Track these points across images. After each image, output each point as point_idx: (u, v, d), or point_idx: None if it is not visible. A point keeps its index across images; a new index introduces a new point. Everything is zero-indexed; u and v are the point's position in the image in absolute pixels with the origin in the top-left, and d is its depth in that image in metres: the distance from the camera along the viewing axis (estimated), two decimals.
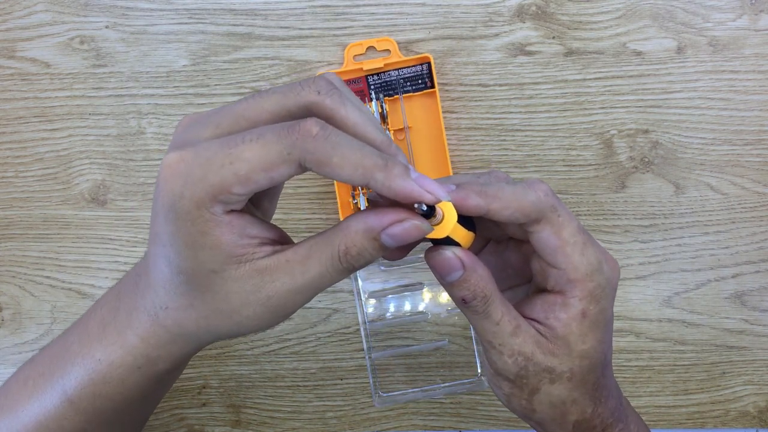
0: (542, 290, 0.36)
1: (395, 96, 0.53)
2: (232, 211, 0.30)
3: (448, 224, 0.32)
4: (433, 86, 0.53)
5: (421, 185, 0.29)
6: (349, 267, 0.31)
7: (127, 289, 0.36)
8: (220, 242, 0.30)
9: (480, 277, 0.34)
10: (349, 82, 0.53)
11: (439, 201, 0.30)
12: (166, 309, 0.33)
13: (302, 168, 0.29)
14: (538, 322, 0.35)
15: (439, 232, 0.32)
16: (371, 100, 0.53)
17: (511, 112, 0.54)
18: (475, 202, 0.33)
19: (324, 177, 0.34)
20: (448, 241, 0.33)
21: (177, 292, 0.32)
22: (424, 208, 0.31)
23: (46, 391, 0.38)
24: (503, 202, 0.33)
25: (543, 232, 0.34)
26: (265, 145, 0.29)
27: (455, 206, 0.32)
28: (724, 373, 0.55)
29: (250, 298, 0.31)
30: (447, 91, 0.54)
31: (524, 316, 0.35)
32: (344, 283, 0.55)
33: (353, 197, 0.52)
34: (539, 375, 0.35)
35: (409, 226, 0.31)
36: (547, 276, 0.35)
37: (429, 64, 0.52)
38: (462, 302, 0.34)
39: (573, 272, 0.34)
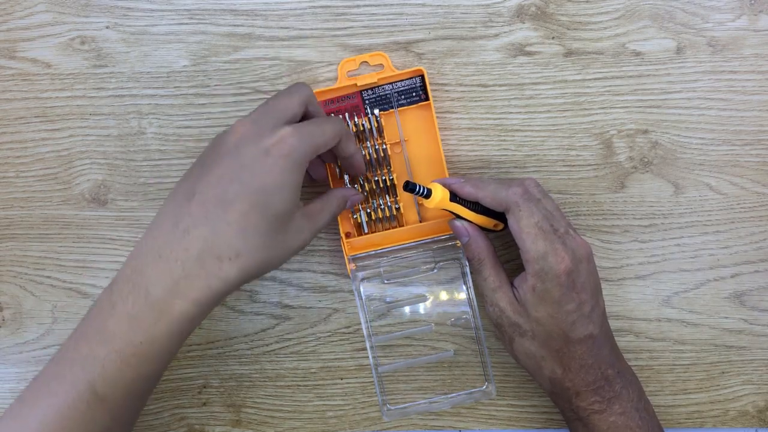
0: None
1: (390, 110, 0.53)
2: None
3: (436, 199, 0.48)
4: (427, 98, 0.52)
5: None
6: (336, 215, 0.50)
7: (153, 272, 0.41)
8: (299, 187, 0.43)
9: (478, 245, 0.49)
10: (343, 97, 0.52)
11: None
12: (237, 257, 0.41)
13: (337, 144, 0.46)
14: (516, 288, 0.47)
15: (430, 203, 0.48)
16: (366, 114, 0.52)
17: (511, 113, 0.54)
18: (468, 190, 0.48)
19: (340, 152, 0.48)
20: (465, 219, 0.49)
21: (258, 234, 0.42)
22: (424, 191, 0.47)
23: (69, 393, 0.41)
24: (486, 194, 0.47)
25: (510, 219, 0.47)
26: (334, 125, 0.45)
27: (457, 192, 0.49)
28: (723, 372, 0.56)
29: (300, 233, 0.45)
30: (447, 91, 0.54)
31: (512, 283, 0.48)
32: (344, 283, 0.55)
33: (353, 212, 0.52)
34: (512, 327, 0.48)
35: (358, 197, 0.51)
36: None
37: (422, 76, 0.52)
38: (467, 260, 0.50)
39: (526, 253, 0.46)
